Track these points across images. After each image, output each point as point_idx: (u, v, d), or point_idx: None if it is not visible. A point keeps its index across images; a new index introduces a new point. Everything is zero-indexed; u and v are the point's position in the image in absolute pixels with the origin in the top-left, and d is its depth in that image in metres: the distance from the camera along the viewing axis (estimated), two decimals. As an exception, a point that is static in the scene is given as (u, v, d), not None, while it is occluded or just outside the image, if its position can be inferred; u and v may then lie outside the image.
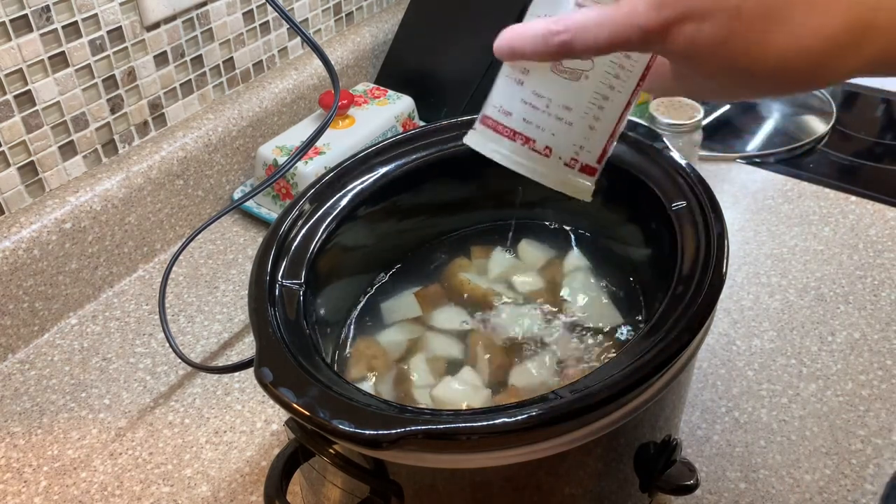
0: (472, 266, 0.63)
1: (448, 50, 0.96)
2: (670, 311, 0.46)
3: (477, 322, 0.59)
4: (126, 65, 0.78)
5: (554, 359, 0.56)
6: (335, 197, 0.57)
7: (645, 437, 0.48)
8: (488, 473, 0.44)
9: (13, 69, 0.69)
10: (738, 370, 0.68)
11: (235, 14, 0.88)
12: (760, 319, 0.73)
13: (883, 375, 0.67)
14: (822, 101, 1.06)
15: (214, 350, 0.73)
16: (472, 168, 0.62)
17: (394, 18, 1.07)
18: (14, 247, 0.70)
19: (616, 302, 0.59)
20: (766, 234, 0.83)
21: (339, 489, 0.47)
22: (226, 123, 0.87)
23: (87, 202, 0.76)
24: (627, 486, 0.50)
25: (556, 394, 0.41)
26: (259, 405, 0.67)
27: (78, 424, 0.66)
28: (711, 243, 0.49)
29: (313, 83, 0.97)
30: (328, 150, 0.85)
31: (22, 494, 0.61)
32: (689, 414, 0.65)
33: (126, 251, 0.81)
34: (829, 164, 0.96)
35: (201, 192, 0.87)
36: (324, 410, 0.40)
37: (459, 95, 0.97)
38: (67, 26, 0.72)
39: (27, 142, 0.72)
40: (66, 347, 0.74)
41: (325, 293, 0.55)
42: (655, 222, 0.55)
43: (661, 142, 0.58)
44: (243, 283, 0.80)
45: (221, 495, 0.60)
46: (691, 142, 0.83)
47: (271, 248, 0.52)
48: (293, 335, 0.46)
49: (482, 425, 0.40)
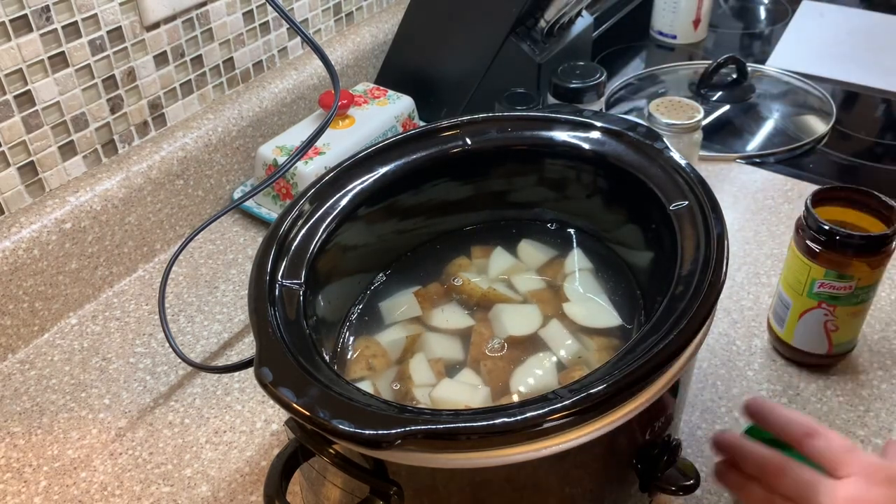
0: (472, 266, 0.63)
1: (448, 50, 0.96)
2: (670, 311, 0.46)
3: (477, 322, 0.59)
4: (126, 65, 0.78)
5: (554, 359, 0.56)
6: (335, 197, 0.57)
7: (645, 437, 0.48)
8: (488, 473, 0.44)
9: (13, 69, 0.69)
10: (738, 370, 0.68)
11: (235, 14, 0.88)
12: (760, 319, 0.73)
13: (883, 375, 0.67)
14: (822, 101, 1.06)
15: (214, 350, 0.73)
16: (472, 168, 0.63)
17: (394, 18, 1.07)
18: (14, 247, 0.70)
19: (616, 302, 0.59)
20: (766, 234, 0.83)
21: (338, 489, 0.47)
22: (226, 123, 0.87)
23: (87, 202, 0.76)
24: (627, 486, 0.50)
25: (556, 394, 0.41)
26: (259, 405, 0.67)
27: (78, 424, 0.66)
28: (711, 243, 0.49)
29: (313, 83, 0.97)
30: (328, 150, 0.85)
31: (22, 494, 0.61)
32: (689, 414, 0.65)
33: (126, 251, 0.81)
34: (829, 164, 0.96)
35: (201, 192, 0.87)
36: (324, 410, 0.40)
37: (459, 95, 0.97)
38: (67, 26, 0.72)
39: (27, 142, 0.72)
40: (66, 347, 0.74)
41: (324, 293, 0.55)
42: (655, 222, 0.55)
43: (662, 142, 0.58)
44: (243, 283, 0.80)
45: (221, 495, 0.60)
46: (691, 142, 0.83)
47: (271, 248, 0.52)
48: (293, 335, 0.46)
49: (482, 425, 0.40)
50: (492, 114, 0.63)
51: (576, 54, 1.00)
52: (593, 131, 0.60)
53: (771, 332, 0.70)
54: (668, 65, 1.17)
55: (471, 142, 0.61)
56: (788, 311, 0.66)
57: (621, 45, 1.25)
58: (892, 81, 1.12)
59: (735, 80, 1.10)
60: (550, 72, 0.89)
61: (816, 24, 1.29)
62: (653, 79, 1.15)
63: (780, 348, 0.69)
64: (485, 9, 0.92)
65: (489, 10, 0.91)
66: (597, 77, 0.88)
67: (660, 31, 1.27)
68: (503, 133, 0.62)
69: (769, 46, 1.23)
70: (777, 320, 0.68)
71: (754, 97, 1.08)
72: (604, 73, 0.88)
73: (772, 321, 0.69)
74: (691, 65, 1.16)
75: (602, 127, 0.60)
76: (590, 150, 0.60)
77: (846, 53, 1.19)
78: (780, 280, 0.67)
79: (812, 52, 1.20)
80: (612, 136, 0.59)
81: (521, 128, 0.62)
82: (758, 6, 1.38)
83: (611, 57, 1.22)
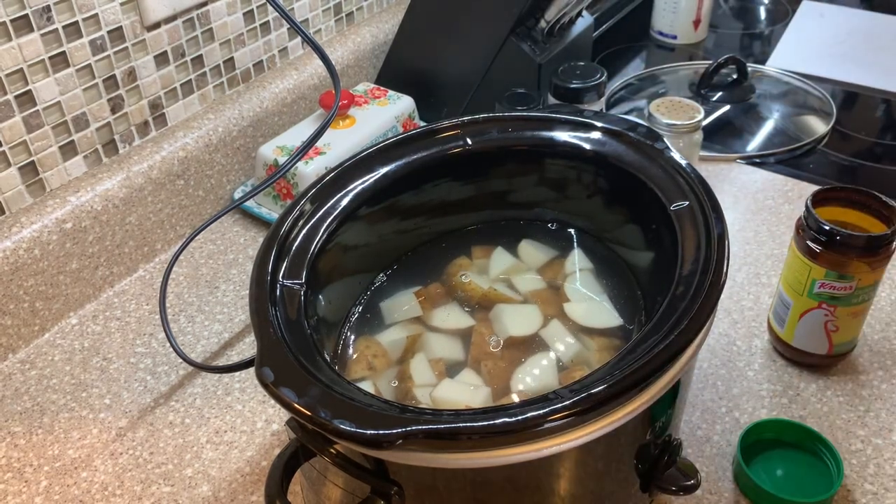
0: (472, 266, 0.63)
1: (448, 50, 0.97)
2: (670, 311, 0.46)
3: (477, 322, 0.59)
4: (126, 65, 0.78)
5: (554, 359, 0.56)
6: (336, 197, 0.57)
7: (645, 438, 0.48)
8: (489, 473, 0.44)
9: (14, 69, 0.69)
10: (738, 370, 0.68)
11: (236, 14, 0.88)
12: (760, 319, 0.73)
13: (883, 375, 0.67)
14: (822, 102, 1.06)
15: (215, 350, 0.73)
16: (472, 168, 0.63)
17: (394, 18, 1.07)
18: (15, 247, 0.71)
19: (616, 302, 0.59)
20: (766, 234, 0.83)
21: (339, 489, 0.47)
22: (226, 123, 0.87)
23: (87, 202, 0.76)
24: (627, 487, 0.51)
25: (556, 394, 0.41)
26: (259, 405, 0.67)
27: (78, 424, 0.66)
28: (712, 243, 0.49)
29: (313, 83, 0.97)
30: (328, 150, 0.85)
31: (22, 494, 0.61)
32: (689, 414, 0.65)
33: (126, 251, 0.81)
34: (829, 165, 0.96)
35: (202, 192, 0.87)
36: (325, 410, 0.40)
37: (459, 95, 0.97)
38: (68, 26, 0.72)
39: (28, 142, 0.72)
40: (66, 347, 0.74)
41: (325, 293, 0.55)
42: (656, 223, 0.55)
43: (662, 142, 0.58)
44: (244, 283, 0.80)
45: (222, 495, 0.60)
46: (692, 142, 0.83)
47: (272, 248, 0.52)
48: (294, 335, 0.46)
49: (482, 425, 0.40)
50: (492, 114, 0.63)
51: (576, 54, 1.00)
52: (594, 131, 0.60)
53: (771, 333, 0.70)
54: (669, 65, 1.17)
55: (471, 142, 0.61)
56: (789, 311, 0.66)
57: (621, 46, 1.25)
58: (892, 81, 1.12)
59: (735, 81, 1.10)
60: (551, 72, 0.89)
61: (816, 24, 1.29)
62: (653, 79, 1.15)
63: (780, 348, 0.69)
64: (485, 9, 0.92)
65: (489, 11, 0.91)
66: (597, 77, 0.88)
67: (660, 32, 1.27)
68: (504, 133, 0.62)
69: (769, 47, 1.23)
70: (777, 320, 0.68)
71: (754, 97, 1.08)
72: (604, 73, 0.89)
73: (772, 321, 0.69)
74: (691, 65, 1.16)
75: (602, 127, 0.60)
76: (590, 150, 0.60)
77: (846, 53, 1.19)
78: (781, 280, 0.67)
79: (812, 52, 1.20)
80: (612, 136, 0.59)
81: (521, 128, 0.62)
82: (758, 6, 1.39)
83: (611, 57, 1.22)
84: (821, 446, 0.60)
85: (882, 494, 0.58)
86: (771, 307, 0.70)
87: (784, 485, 0.59)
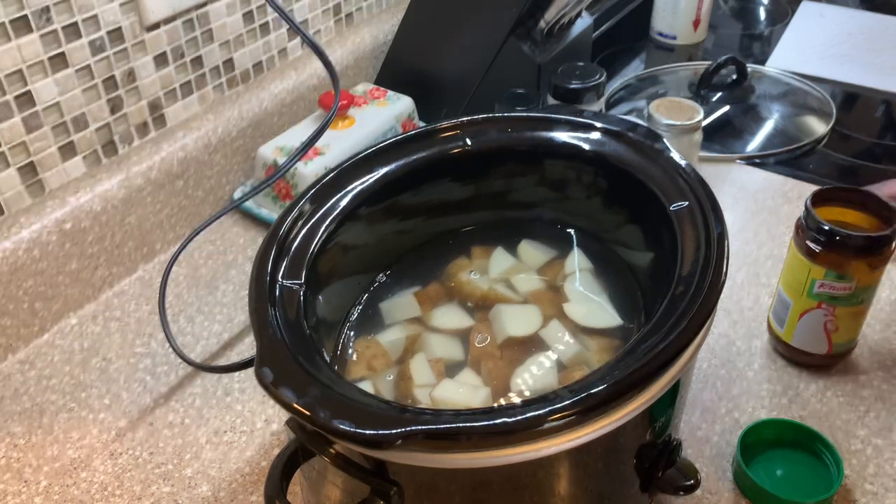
0: (472, 266, 0.63)
1: (448, 50, 0.96)
2: (670, 311, 0.46)
3: (477, 322, 0.59)
4: (126, 65, 0.78)
5: (554, 359, 0.56)
6: (335, 197, 0.57)
7: (645, 438, 0.48)
8: (489, 473, 0.44)
9: (13, 70, 0.69)
10: (737, 370, 0.68)
11: (235, 15, 0.88)
12: (760, 320, 0.73)
13: (883, 375, 0.67)
14: (822, 102, 1.06)
15: (214, 350, 0.73)
16: (472, 168, 0.63)
17: (394, 18, 1.07)
18: (14, 247, 0.70)
19: (616, 302, 0.59)
20: (765, 234, 0.83)
21: (339, 489, 0.47)
22: (226, 124, 0.87)
23: (86, 203, 0.76)
24: (627, 487, 0.50)
25: (556, 394, 0.41)
26: (259, 405, 0.67)
27: (78, 424, 0.66)
28: (712, 244, 0.49)
29: (313, 84, 0.97)
30: (328, 150, 0.85)
31: (22, 494, 0.61)
32: (689, 414, 0.65)
33: (126, 251, 0.81)
34: (829, 165, 0.96)
35: (201, 192, 0.87)
36: (324, 410, 0.40)
37: (459, 95, 0.97)
38: (67, 27, 0.72)
39: (27, 142, 0.72)
40: (66, 348, 0.74)
41: (325, 293, 0.55)
42: (656, 223, 0.55)
43: (662, 142, 0.58)
44: (243, 284, 0.80)
45: (222, 495, 0.60)
46: (691, 142, 0.83)
47: (271, 249, 0.52)
48: (293, 335, 0.46)
49: (482, 425, 0.40)
50: (492, 114, 0.63)
51: (576, 55, 1.00)
52: (593, 132, 0.60)
53: (771, 333, 0.70)
54: (668, 65, 1.17)
55: (471, 142, 0.61)
56: (788, 311, 0.66)
57: (621, 46, 1.25)
58: (891, 82, 1.12)
59: (735, 81, 1.10)
60: (550, 72, 0.89)
61: (816, 24, 1.29)
62: (653, 79, 1.15)
63: (780, 349, 0.69)
64: (485, 9, 0.92)
65: (489, 11, 0.91)
66: (597, 78, 0.88)
67: (660, 32, 1.27)
68: (503, 133, 0.62)
69: (769, 47, 1.23)
70: (777, 320, 0.68)
71: (754, 98, 1.08)
72: (604, 73, 0.89)
73: (772, 321, 0.69)
74: (691, 65, 1.16)
75: (602, 127, 0.60)
76: (590, 150, 0.60)
77: (846, 54, 1.19)
78: (780, 280, 0.67)
79: (812, 52, 1.20)
80: (612, 136, 0.59)
81: (521, 128, 0.62)
82: (758, 7, 1.39)
83: (611, 57, 1.22)
84: (821, 446, 0.60)
85: (882, 494, 0.58)
86: (770, 307, 0.70)
87: (784, 485, 0.59)
